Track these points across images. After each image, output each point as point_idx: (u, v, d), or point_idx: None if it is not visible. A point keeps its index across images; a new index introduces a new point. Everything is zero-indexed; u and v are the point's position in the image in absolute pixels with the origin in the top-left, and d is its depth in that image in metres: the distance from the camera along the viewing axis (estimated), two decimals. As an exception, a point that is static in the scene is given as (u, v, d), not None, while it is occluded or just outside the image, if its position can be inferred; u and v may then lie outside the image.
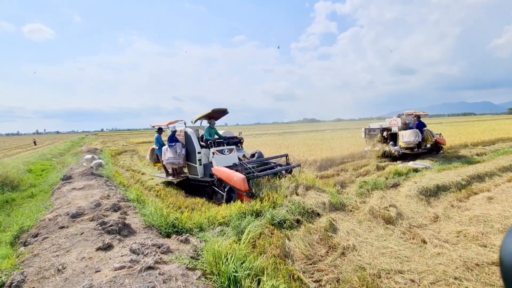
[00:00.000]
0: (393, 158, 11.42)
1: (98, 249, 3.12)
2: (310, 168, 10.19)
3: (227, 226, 4.45)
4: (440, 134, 12.40)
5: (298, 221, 4.81)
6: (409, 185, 6.77)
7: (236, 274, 2.69)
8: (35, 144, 38.07)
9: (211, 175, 6.58)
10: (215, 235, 4.07)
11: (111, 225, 3.69)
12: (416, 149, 11.04)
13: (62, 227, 4.14)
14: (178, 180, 7.74)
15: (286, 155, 8.36)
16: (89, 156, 14.03)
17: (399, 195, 6.49)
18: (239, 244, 3.45)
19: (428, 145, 11.64)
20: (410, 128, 11.26)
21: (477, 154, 12.27)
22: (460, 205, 5.76)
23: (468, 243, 4.08)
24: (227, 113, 7.98)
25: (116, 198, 5.59)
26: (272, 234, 4.20)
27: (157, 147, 8.05)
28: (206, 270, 2.95)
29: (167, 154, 7.20)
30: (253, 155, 8.78)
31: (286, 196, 5.71)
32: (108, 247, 3.15)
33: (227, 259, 2.92)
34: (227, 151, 7.30)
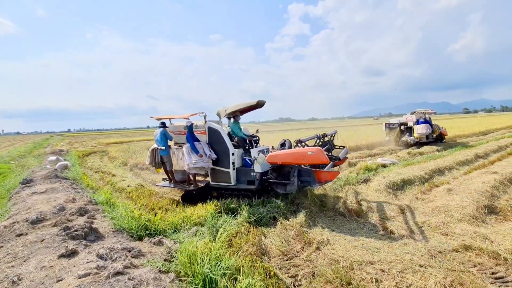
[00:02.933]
0: (408, 145, 14.59)
1: (61, 256, 2.90)
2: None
3: (203, 226, 4.37)
4: (443, 128, 15.97)
5: (274, 218, 4.84)
6: (378, 180, 7.10)
7: (211, 275, 2.63)
8: (-10, 146, 34.74)
9: (250, 182, 5.57)
10: (190, 235, 3.97)
11: (76, 230, 3.45)
12: (426, 139, 14.48)
13: (20, 235, 3.80)
14: (197, 188, 5.94)
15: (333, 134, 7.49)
16: (53, 157, 13.08)
17: (369, 189, 6.78)
18: (214, 243, 3.39)
19: (434, 136, 15.00)
20: (422, 123, 14.49)
21: (438, 150, 13.22)
22: (423, 197, 6.14)
23: (431, 232, 4.37)
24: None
25: (82, 201, 5.25)
26: (248, 232, 4.19)
27: (162, 147, 6.01)
28: (180, 272, 2.86)
29: (193, 156, 5.42)
30: (283, 145, 6.92)
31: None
32: (72, 254, 2.94)
33: (202, 259, 2.86)
34: (266, 151, 6.22)
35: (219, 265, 2.79)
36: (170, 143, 6.44)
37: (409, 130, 15.13)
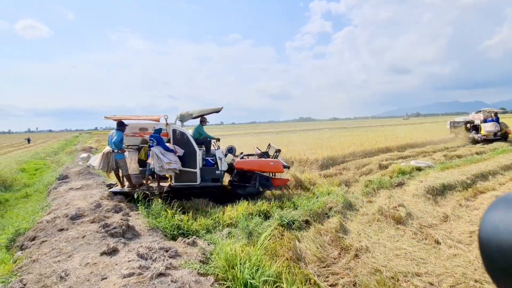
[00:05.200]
0: (475, 142, 15.39)
1: (103, 253, 2.93)
2: (312, 166, 10.08)
3: (235, 228, 4.29)
4: (508, 127, 16.25)
5: (307, 221, 4.67)
6: (415, 184, 6.69)
7: (252, 281, 2.53)
8: (29, 142, 37.29)
9: (215, 179, 5.97)
10: (223, 237, 3.91)
11: (115, 228, 3.49)
12: (493, 137, 15.20)
13: (61, 230, 3.92)
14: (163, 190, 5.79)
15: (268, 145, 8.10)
16: (85, 155, 13.71)
17: (405, 194, 6.40)
18: (252, 247, 3.29)
19: (499, 134, 15.46)
20: (490, 121, 15.33)
21: (477, 153, 12.33)
22: (468, 204, 5.69)
23: (483, 244, 3.99)
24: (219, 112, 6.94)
25: (116, 199, 5.37)
26: (282, 235, 4.05)
27: (116, 150, 5.53)
28: (218, 275, 2.79)
29: (167, 158, 5.38)
30: (230, 150, 7.30)
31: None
32: (113, 252, 2.96)
33: (241, 263, 2.76)
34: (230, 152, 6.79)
35: (259, 271, 2.68)
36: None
37: (476, 128, 16.15)
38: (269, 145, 8.28)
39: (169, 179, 5.99)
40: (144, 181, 6.04)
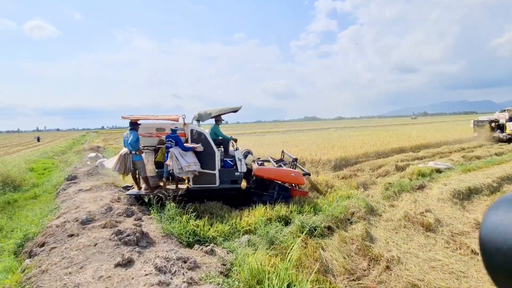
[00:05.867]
0: (500, 141, 15.61)
1: (117, 265, 2.69)
2: (325, 167, 9.76)
3: (254, 234, 4.02)
4: None
5: (329, 228, 4.38)
6: (439, 188, 6.32)
7: (285, 300, 2.25)
8: (39, 141, 37.65)
9: (234, 181, 5.70)
10: (242, 245, 3.64)
11: (128, 235, 3.26)
12: None
13: (71, 235, 3.71)
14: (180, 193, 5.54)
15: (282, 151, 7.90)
16: (93, 154, 13.61)
17: (428, 198, 6.05)
18: (278, 258, 3.02)
19: None
20: None
21: (496, 154, 11.86)
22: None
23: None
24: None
25: (127, 201, 5.16)
26: (306, 244, 3.77)
27: (133, 152, 5.33)
28: (243, 290, 2.52)
29: (186, 159, 5.12)
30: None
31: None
32: (128, 263, 2.72)
33: (268, 278, 2.49)
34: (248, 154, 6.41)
35: (290, 288, 2.40)
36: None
37: (500, 127, 16.19)
38: (282, 152, 8.03)
39: (186, 181, 5.76)
40: (162, 183, 5.82)
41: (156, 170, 5.95)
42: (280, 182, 5.89)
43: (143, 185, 5.67)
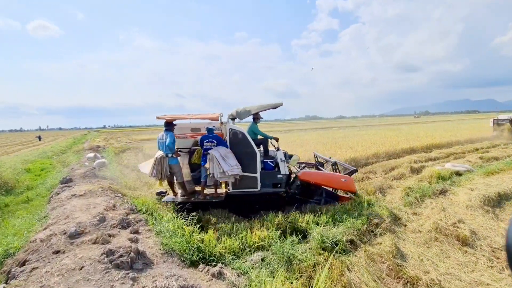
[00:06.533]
0: None
1: (104, 299, 2.17)
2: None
3: (267, 251, 3.49)
4: None
5: (351, 241, 3.84)
6: (467, 193, 5.76)
7: None
8: (40, 140, 37.31)
9: (276, 184, 5.27)
10: (255, 265, 3.12)
11: (121, 255, 2.74)
12: None
13: (57, 252, 3.20)
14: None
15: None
16: (91, 154, 13.14)
17: (455, 205, 5.50)
18: (298, 282, 2.49)
19: None
20: None
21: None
22: (537, 219, 4.76)
23: None
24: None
25: (123, 209, 4.64)
26: (327, 261, 3.24)
27: (169, 155, 4.98)
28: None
29: (229, 162, 4.72)
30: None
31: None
32: (118, 296, 2.20)
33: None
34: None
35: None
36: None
37: None
38: (315, 155, 7.57)
39: (223, 185, 5.39)
40: (200, 188, 5.36)
41: (191, 173, 5.56)
42: (327, 187, 5.52)
43: (178, 191, 5.25)
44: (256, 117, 5.85)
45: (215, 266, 3.05)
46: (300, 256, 3.23)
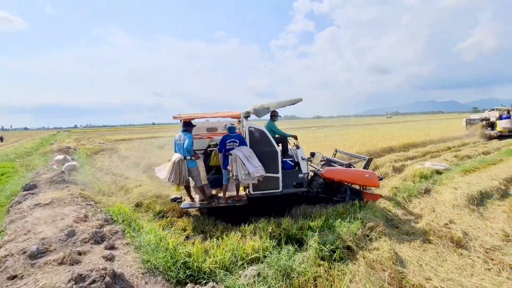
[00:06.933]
0: (491, 138, 16.48)
1: None
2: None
3: (261, 263, 3.19)
4: None
5: (348, 248, 3.65)
6: (452, 192, 5.84)
7: None
8: (2, 141, 34.24)
9: (298, 184, 5.10)
10: (250, 280, 2.80)
11: (94, 281, 2.30)
12: (508, 133, 16.34)
13: (13, 277, 2.70)
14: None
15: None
16: (60, 157, 12.08)
17: (440, 204, 5.54)
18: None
19: None
20: (505, 118, 16.58)
21: (483, 153, 11.88)
22: (520, 217, 4.87)
23: None
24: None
25: (97, 220, 4.12)
26: (329, 275, 3.01)
27: (188, 157, 4.57)
28: None
29: (254, 163, 4.46)
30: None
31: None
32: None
33: None
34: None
35: None
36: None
37: (491, 124, 17.40)
38: (335, 151, 7.40)
39: (241, 187, 5.11)
40: (221, 192, 5.01)
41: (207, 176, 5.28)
42: (350, 184, 5.48)
43: (195, 196, 4.92)
44: (274, 115, 5.61)
45: (205, 284, 2.70)
46: (299, 268, 2.97)
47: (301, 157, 5.17)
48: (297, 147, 5.41)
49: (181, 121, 4.84)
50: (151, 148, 17.63)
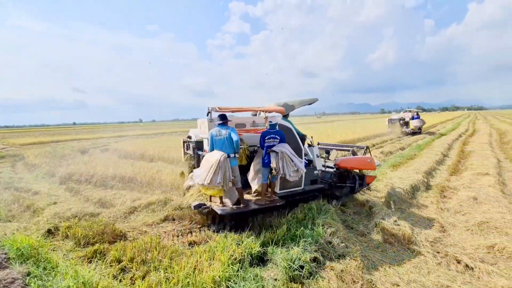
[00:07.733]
0: (406, 134, 19.71)
1: None
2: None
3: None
4: (425, 122, 21.40)
5: (315, 259, 3.39)
6: (387, 188, 6.31)
7: None
8: None
9: (313, 181, 5.21)
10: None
11: None
12: (418, 130, 19.83)
13: None
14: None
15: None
16: None
17: (378, 199, 5.91)
18: None
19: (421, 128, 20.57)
20: (416, 118, 19.89)
21: (400, 149, 13.65)
22: (448, 208, 5.50)
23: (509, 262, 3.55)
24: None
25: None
26: (302, 298, 2.65)
27: (232, 155, 4.02)
28: None
29: (298, 159, 4.31)
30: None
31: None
32: None
33: None
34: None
35: None
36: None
37: (406, 123, 20.43)
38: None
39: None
40: (263, 193, 4.48)
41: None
42: (355, 170, 5.76)
43: (225, 200, 4.35)
44: (288, 113, 5.63)
45: None
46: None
47: (317, 154, 5.34)
48: (311, 145, 5.54)
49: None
50: (72, 153, 14.84)
